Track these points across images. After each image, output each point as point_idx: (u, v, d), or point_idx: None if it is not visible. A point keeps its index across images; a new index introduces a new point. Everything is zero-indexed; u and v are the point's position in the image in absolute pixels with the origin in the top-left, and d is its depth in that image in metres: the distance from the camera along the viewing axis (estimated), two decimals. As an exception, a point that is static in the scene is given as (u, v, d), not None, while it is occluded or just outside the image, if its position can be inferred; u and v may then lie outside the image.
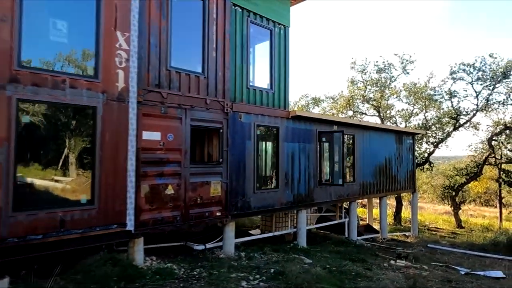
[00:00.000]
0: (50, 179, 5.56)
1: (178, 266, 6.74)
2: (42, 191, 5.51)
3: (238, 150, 8.33)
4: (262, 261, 7.73)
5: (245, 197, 8.45)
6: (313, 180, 10.38)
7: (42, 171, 5.53)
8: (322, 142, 10.70)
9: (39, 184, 5.49)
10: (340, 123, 11.23)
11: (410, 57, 19.33)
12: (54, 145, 5.70)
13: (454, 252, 11.29)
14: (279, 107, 9.47)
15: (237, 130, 8.31)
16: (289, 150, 9.64)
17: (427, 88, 19.37)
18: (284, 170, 9.48)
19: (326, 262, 8.13)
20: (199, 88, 7.45)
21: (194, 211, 7.30)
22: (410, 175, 15.47)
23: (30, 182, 5.39)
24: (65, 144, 5.79)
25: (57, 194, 5.61)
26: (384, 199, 13.96)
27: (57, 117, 5.71)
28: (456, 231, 18.82)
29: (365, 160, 12.64)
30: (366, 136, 12.77)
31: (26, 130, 5.29)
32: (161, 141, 6.76)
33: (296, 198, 9.81)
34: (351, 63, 20.88)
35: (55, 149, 5.70)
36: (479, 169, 18.87)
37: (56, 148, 5.71)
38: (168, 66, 6.92)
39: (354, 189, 12.09)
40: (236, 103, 8.29)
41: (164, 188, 6.80)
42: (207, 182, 7.53)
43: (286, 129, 9.57)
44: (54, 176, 5.63)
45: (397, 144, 14.59)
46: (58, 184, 5.69)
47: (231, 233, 8.06)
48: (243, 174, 8.42)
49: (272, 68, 9.34)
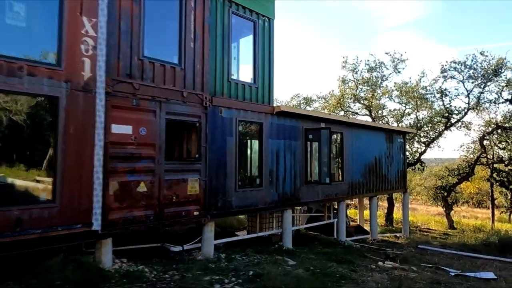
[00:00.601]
0: (5, 175, 5.11)
1: (151, 269, 6.31)
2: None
3: (218, 146, 7.93)
4: (242, 263, 7.33)
5: (226, 196, 8.04)
6: (300, 179, 10.00)
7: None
8: (309, 140, 10.33)
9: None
10: (327, 120, 10.89)
11: (401, 55, 19.14)
12: (10, 138, 5.25)
13: (445, 253, 10.97)
14: (263, 102, 9.09)
15: (217, 126, 7.91)
16: (273, 147, 9.26)
17: (419, 88, 19.15)
18: (269, 168, 9.10)
19: (311, 264, 7.74)
20: (175, 80, 7.05)
21: (170, 210, 6.87)
22: (401, 174, 15.18)
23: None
24: (24, 136, 5.34)
25: (12, 190, 5.15)
26: (374, 199, 13.63)
27: (13, 107, 5.26)
28: (448, 232, 18.56)
29: (354, 159, 12.30)
30: (355, 134, 12.44)
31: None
32: (132, 135, 6.34)
33: (281, 197, 9.42)
34: (342, 62, 20.65)
35: (12, 142, 5.25)
36: (471, 169, 18.65)
37: (13, 141, 5.26)
38: (141, 55, 6.51)
39: (343, 188, 11.74)
40: (216, 97, 7.89)
41: (135, 186, 6.37)
42: (183, 180, 7.11)
43: (270, 126, 9.19)
44: (10, 172, 5.18)
45: (387, 143, 14.29)
46: (15, 180, 5.24)
47: (210, 233, 7.64)
48: (224, 172, 8.02)
49: (256, 61, 8.96)
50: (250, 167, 9.30)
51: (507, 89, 16.49)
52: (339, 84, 20.51)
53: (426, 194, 35.03)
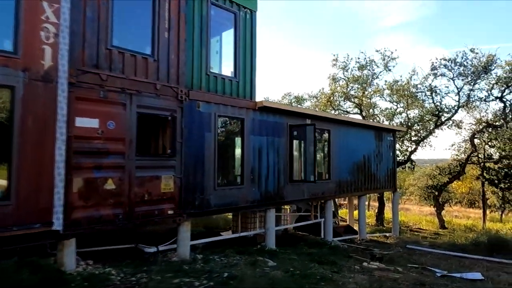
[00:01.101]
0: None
1: (118, 271, 5.93)
2: None
3: (195, 142, 7.58)
4: (219, 265, 6.98)
5: (203, 194, 7.69)
6: (284, 177, 9.68)
7: None
8: (294, 137, 10.02)
9: None
10: (313, 116, 10.58)
11: (391, 53, 18.91)
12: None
13: (433, 253, 10.71)
14: (244, 97, 8.75)
15: (194, 120, 7.56)
16: (256, 144, 8.93)
17: (410, 86, 18.95)
18: (250, 166, 8.76)
19: (291, 265, 7.41)
20: (147, 72, 6.68)
21: (141, 208, 6.51)
22: (390, 173, 14.92)
23: None
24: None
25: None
26: (362, 198, 13.35)
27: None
28: (439, 232, 18.36)
29: (342, 157, 12.01)
30: (343, 131, 12.15)
31: None
32: (99, 129, 5.97)
33: (264, 196, 9.09)
34: (332, 60, 20.36)
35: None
36: (462, 168, 18.48)
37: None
38: (109, 44, 6.14)
39: (330, 187, 11.44)
40: (193, 91, 7.54)
41: (103, 183, 6.00)
42: (157, 177, 6.75)
43: (252, 121, 8.86)
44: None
45: (376, 141, 14.03)
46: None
47: (186, 233, 7.28)
48: (202, 169, 7.67)
49: (237, 55, 8.63)
50: (231, 164, 8.95)
51: (497, 86, 16.34)
52: (329, 82, 20.26)
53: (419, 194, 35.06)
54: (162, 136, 7.17)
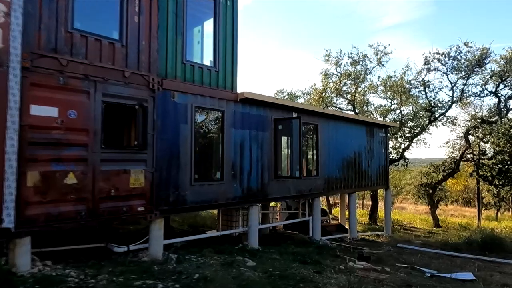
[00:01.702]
0: None
1: (80, 272, 5.47)
2: None
3: (170, 134, 7.12)
4: (193, 265, 6.53)
5: (179, 190, 7.23)
6: (268, 173, 9.24)
7: None
8: (279, 131, 9.58)
9: None
10: (300, 109, 10.14)
11: (385, 48, 18.50)
12: None
13: (424, 252, 10.31)
14: (224, 88, 8.30)
15: (168, 111, 7.10)
16: (237, 138, 8.48)
17: (403, 81, 18.56)
18: (231, 161, 8.31)
19: (272, 265, 6.99)
20: (114, 58, 6.21)
21: (107, 205, 6.04)
22: (382, 170, 14.52)
23: None
24: None
25: None
26: (353, 195, 12.94)
27: None
28: (433, 230, 18.00)
29: (331, 153, 11.59)
30: (332, 126, 11.73)
31: None
32: (58, 118, 5.50)
33: (246, 193, 8.64)
34: (325, 55, 19.94)
35: None
36: (456, 165, 18.11)
37: None
38: (70, 27, 5.67)
39: (318, 184, 11.01)
40: (167, 80, 7.09)
41: (62, 177, 5.53)
42: (125, 171, 6.28)
43: (233, 114, 8.41)
44: None
45: (368, 136, 13.62)
46: None
47: (158, 232, 6.82)
48: (177, 163, 7.21)
49: (217, 43, 8.17)
50: (210, 159, 8.50)
51: (492, 81, 15.95)
52: (321, 78, 19.83)
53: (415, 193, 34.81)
54: (132, 127, 6.70)
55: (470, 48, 15.83)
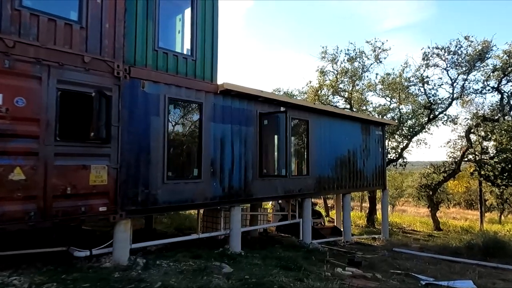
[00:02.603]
0: None
1: (25, 280, 4.84)
2: None
3: (139, 127, 6.50)
4: (160, 272, 5.88)
5: (149, 188, 6.60)
6: (252, 171, 8.59)
7: None
8: (264, 126, 8.94)
9: None
10: (288, 104, 9.50)
11: (382, 44, 17.84)
12: None
13: (421, 257, 9.60)
14: (203, 78, 7.68)
15: (137, 102, 6.48)
16: (217, 133, 7.85)
17: (402, 79, 17.89)
18: (210, 157, 7.67)
19: (250, 272, 6.32)
20: (71, 41, 5.60)
21: (61, 204, 5.40)
22: (379, 170, 13.83)
23: None
24: None
25: None
26: (347, 196, 12.25)
27: None
28: (433, 234, 17.27)
29: (323, 151, 10.93)
30: (325, 123, 11.08)
31: None
32: (2, 106, 4.88)
33: (227, 192, 7.99)
34: (321, 52, 19.32)
35: None
36: (457, 165, 17.39)
37: None
38: (17, 4, 5.06)
39: (308, 183, 10.35)
40: (136, 67, 6.47)
41: (7, 172, 4.90)
42: (84, 167, 5.65)
43: (213, 107, 7.78)
44: None
45: (363, 134, 12.95)
46: None
47: (123, 234, 6.18)
48: (147, 159, 6.58)
49: (194, 30, 7.56)
50: (186, 155, 7.86)
51: (494, 76, 15.22)
52: (317, 76, 19.20)
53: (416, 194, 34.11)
54: (93, 118, 6.06)
55: (471, 42, 15.16)
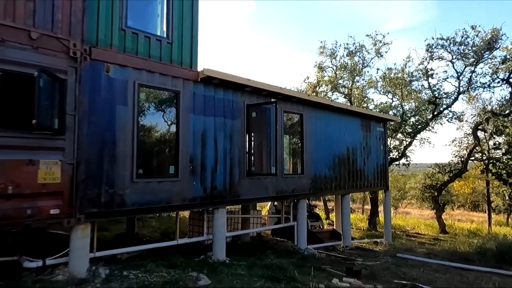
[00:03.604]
0: None
1: None
2: None
3: (103, 118, 5.63)
4: (124, 285, 5.01)
5: (115, 187, 5.72)
6: (238, 169, 7.70)
7: None
8: (253, 119, 8.06)
9: None
10: (279, 95, 8.61)
11: (383, 37, 16.96)
12: None
13: (429, 264, 8.65)
14: (180, 64, 6.81)
15: (100, 89, 5.62)
16: (198, 126, 6.97)
17: (404, 74, 16.99)
18: (189, 153, 6.79)
19: (230, 285, 5.44)
20: (15, 13, 4.75)
21: (0, 206, 4.54)
22: (381, 169, 12.91)
23: None
24: None
25: None
26: (346, 197, 11.33)
27: None
28: (439, 237, 16.28)
29: (319, 148, 10.04)
30: (321, 117, 10.19)
31: None
32: None
33: (209, 193, 7.10)
34: (319, 47, 18.46)
35: None
36: (464, 164, 16.43)
37: None
38: None
39: (303, 183, 9.44)
40: (98, 48, 5.61)
41: None
42: (30, 162, 4.78)
43: (192, 96, 6.91)
44: None
45: (363, 131, 12.05)
46: None
47: (82, 241, 5.29)
48: (112, 154, 5.71)
49: (171, 8, 6.71)
50: (161, 150, 6.98)
51: (503, 68, 14.22)
52: (315, 71, 18.32)
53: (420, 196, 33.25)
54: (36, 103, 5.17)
55: (478, 32, 14.24)
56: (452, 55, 14.90)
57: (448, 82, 15.64)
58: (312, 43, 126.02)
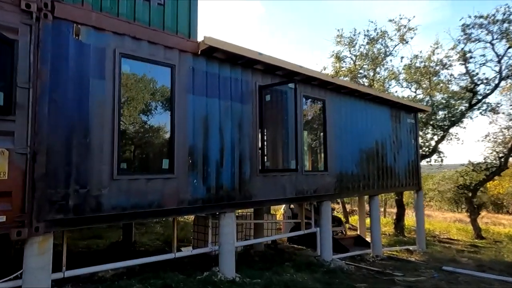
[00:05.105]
0: None
1: None
2: None
3: (71, 94, 4.29)
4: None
5: (88, 186, 4.35)
6: (249, 164, 6.26)
7: None
8: (266, 103, 6.62)
9: None
10: (298, 75, 7.15)
11: (408, 21, 15.31)
12: None
13: (486, 280, 7.01)
14: (175, 32, 5.45)
15: (68, 57, 4.28)
16: (199, 110, 5.58)
17: (431, 62, 15.30)
18: (188, 144, 5.40)
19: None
20: None
21: None
22: (412, 166, 11.30)
23: None
24: None
25: None
26: (375, 199, 9.76)
27: None
28: (476, 243, 14.45)
29: (344, 141, 8.53)
30: (346, 105, 8.69)
31: None
32: None
33: (214, 193, 5.68)
34: (336, 36, 16.94)
35: None
36: (504, 161, 14.60)
37: None
38: None
39: (326, 182, 7.94)
40: (64, 3, 4.28)
41: None
42: (-38, 150, 3.46)
43: (191, 73, 5.53)
44: None
45: (393, 122, 10.49)
46: None
47: (38, 259, 3.92)
48: (84, 143, 4.35)
49: (162, -37, 5.35)
50: (151, 139, 5.58)
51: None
52: (332, 61, 16.78)
53: (440, 199, 31.42)
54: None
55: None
56: (492, 36, 13.17)
57: (487, 66, 13.87)
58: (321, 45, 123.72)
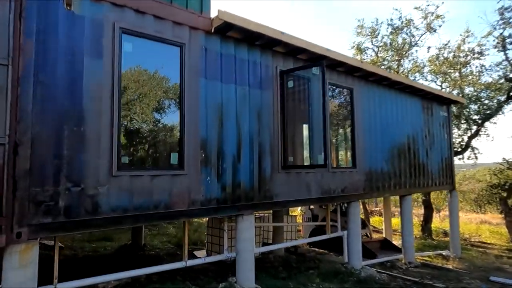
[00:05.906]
0: None
1: None
2: None
3: (61, 75, 3.61)
4: None
5: (82, 184, 3.67)
6: (270, 159, 5.48)
7: None
8: (288, 90, 5.83)
9: None
10: (323, 58, 6.30)
11: (437, 8, 14.20)
12: None
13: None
14: (185, 6, 4.73)
15: (57, 30, 3.60)
16: (212, 97, 4.84)
17: (461, 51, 14.17)
18: (200, 135, 4.67)
19: None
20: None
21: None
22: (446, 164, 10.29)
23: None
24: None
25: None
26: (407, 199, 8.82)
27: None
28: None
29: (373, 135, 7.66)
30: (374, 95, 7.81)
31: None
32: None
33: (230, 192, 4.93)
34: (357, 26, 15.95)
35: None
36: (544, 158, 13.37)
37: None
38: None
39: (355, 180, 7.08)
40: (52, -33, 3.61)
41: None
42: None
43: (203, 54, 4.79)
44: None
45: (425, 114, 9.52)
46: None
47: (19, 273, 3.25)
48: (78, 133, 3.67)
49: None
50: (157, 129, 4.85)
51: None
52: (353, 53, 15.80)
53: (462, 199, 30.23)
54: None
55: None
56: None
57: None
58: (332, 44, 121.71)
